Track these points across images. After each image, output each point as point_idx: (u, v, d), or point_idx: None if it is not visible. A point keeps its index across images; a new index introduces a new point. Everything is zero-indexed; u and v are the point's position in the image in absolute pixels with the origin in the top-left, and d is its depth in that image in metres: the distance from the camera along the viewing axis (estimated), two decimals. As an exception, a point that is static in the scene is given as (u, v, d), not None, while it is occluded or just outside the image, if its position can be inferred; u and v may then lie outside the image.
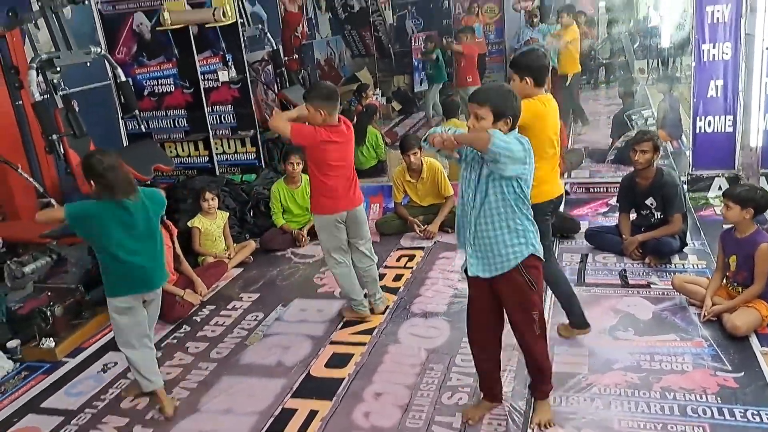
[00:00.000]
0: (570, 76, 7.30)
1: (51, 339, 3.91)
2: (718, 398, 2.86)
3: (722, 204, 3.56)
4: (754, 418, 2.72)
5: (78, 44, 5.08)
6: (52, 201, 5.23)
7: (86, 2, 5.02)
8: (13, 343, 3.96)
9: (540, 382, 2.81)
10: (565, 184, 5.37)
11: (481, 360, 2.85)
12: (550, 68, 3.26)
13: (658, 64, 7.50)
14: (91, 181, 3.09)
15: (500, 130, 2.41)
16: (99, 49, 5.37)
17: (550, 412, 2.80)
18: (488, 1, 10.54)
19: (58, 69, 4.94)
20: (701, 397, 2.87)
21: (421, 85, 9.95)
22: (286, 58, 7.77)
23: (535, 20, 9.34)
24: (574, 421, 2.80)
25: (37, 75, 4.82)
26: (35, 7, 5.23)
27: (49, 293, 4.14)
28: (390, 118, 9.38)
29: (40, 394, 3.51)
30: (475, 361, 2.88)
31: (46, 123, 4.83)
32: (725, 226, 3.62)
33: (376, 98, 8.85)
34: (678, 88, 6.50)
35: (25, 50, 5.36)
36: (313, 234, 5.31)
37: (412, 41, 10.64)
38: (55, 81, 5.02)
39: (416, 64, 10.07)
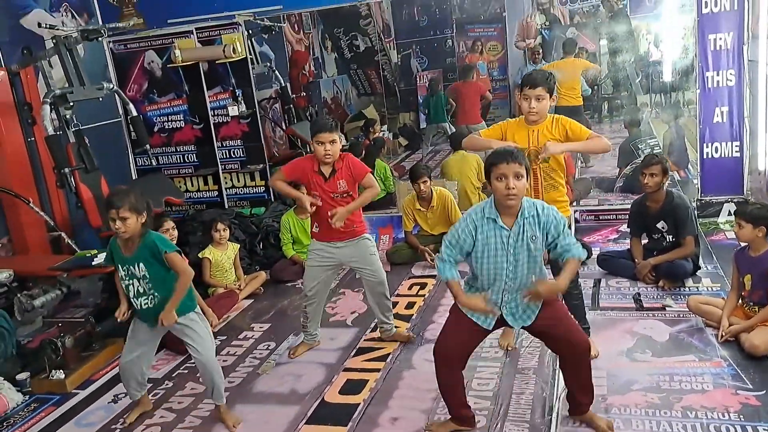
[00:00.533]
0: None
1: (61, 371, 3.87)
2: (741, 416, 2.80)
3: (734, 223, 3.56)
4: (779, 436, 2.66)
5: (90, 81, 5.19)
6: (63, 235, 5.28)
7: (100, 39, 5.11)
8: (22, 376, 3.92)
9: (587, 394, 2.81)
10: (575, 211, 5.40)
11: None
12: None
13: (661, 97, 7.60)
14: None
15: None
16: (111, 85, 5.50)
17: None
18: (491, 40, 10.77)
19: (71, 104, 5.05)
20: (724, 416, 2.82)
21: (426, 122, 10.09)
22: (294, 95, 7.89)
23: (537, 57, 9.54)
24: (595, 442, 2.75)
25: (51, 110, 4.92)
26: (48, 44, 5.36)
27: (60, 324, 4.12)
28: (397, 153, 9.48)
29: (50, 425, 3.45)
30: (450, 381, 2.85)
31: (59, 156, 4.91)
32: (741, 244, 3.59)
33: (384, 134, 8.97)
34: (682, 118, 6.56)
35: (38, 87, 5.47)
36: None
37: (417, 79, 10.83)
38: (67, 116, 5.13)
39: (421, 101, 10.23)
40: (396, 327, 3.96)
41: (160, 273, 3.01)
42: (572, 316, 2.87)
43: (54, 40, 5.02)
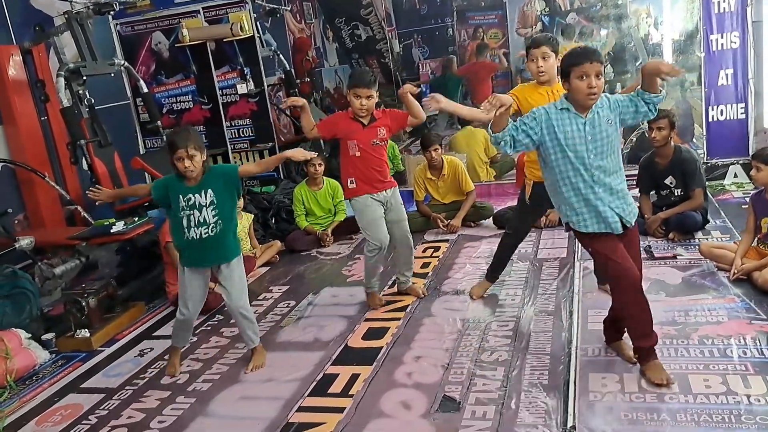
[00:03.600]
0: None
1: (86, 330, 3.94)
2: (758, 341, 2.89)
3: (753, 167, 3.60)
4: (796, 355, 2.74)
5: (101, 58, 5.26)
6: (78, 208, 5.34)
7: (112, 12, 5.18)
8: (48, 336, 3.99)
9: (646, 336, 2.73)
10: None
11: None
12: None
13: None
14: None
15: None
16: (123, 61, 5.56)
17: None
18: (492, 27, 10.85)
19: (84, 79, 5.10)
20: (741, 341, 2.90)
21: (429, 109, 10.13)
22: (299, 80, 7.96)
23: (537, 43, 9.56)
24: (615, 367, 2.82)
25: (65, 86, 4.98)
26: (57, 21, 5.43)
27: (84, 285, 4.18)
28: (402, 140, 9.55)
29: (78, 377, 3.53)
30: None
31: (74, 128, 4.96)
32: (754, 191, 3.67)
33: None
34: (689, 96, 6.65)
35: (50, 66, 5.54)
36: (337, 234, 5.42)
37: (420, 68, 10.91)
38: (80, 92, 5.18)
39: (423, 89, 10.29)
40: (413, 282, 4.03)
41: (228, 202, 3.13)
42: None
43: (66, 15, 5.09)
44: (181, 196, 3.09)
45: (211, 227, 3.10)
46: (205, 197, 3.08)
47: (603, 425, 2.45)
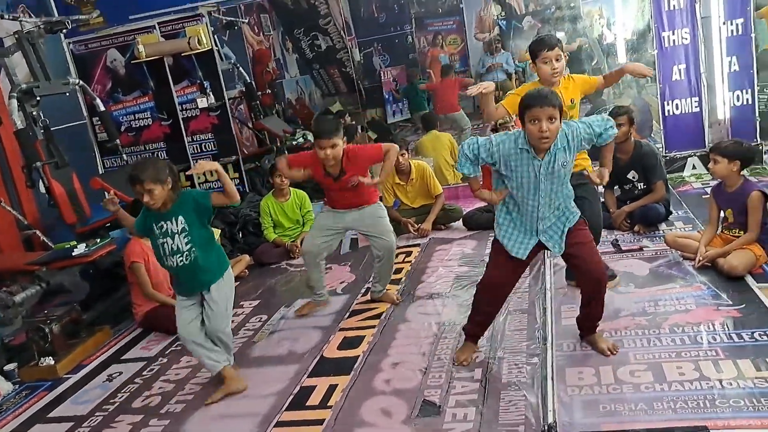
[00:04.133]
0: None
1: (50, 357, 3.82)
2: (726, 326, 2.95)
3: (710, 160, 3.67)
4: (762, 337, 2.81)
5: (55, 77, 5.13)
6: (37, 232, 5.19)
7: (64, 31, 5.06)
8: (10, 366, 3.86)
9: (597, 318, 2.95)
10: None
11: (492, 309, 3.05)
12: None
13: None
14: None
15: None
16: (77, 80, 5.44)
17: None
18: (450, 33, 10.96)
19: (38, 99, 4.97)
20: (710, 328, 2.95)
21: (394, 116, 10.19)
22: (260, 92, 7.90)
23: (496, 47, 9.76)
24: (591, 360, 2.84)
25: (17, 107, 4.84)
26: (7, 42, 5.28)
27: (46, 312, 4.05)
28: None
29: (45, 407, 3.42)
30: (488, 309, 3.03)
31: (29, 150, 4.83)
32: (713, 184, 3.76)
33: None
34: (645, 93, 6.80)
35: (1, 87, 5.38)
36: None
37: (381, 76, 10.93)
38: (34, 113, 5.04)
39: (387, 97, 10.33)
40: (387, 290, 4.00)
41: (200, 229, 3.05)
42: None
43: (16, 35, 4.95)
44: (154, 224, 3.03)
45: (185, 255, 3.02)
46: (176, 224, 3.00)
47: (583, 418, 2.46)
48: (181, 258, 3.02)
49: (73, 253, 4.39)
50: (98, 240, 4.55)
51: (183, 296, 3.13)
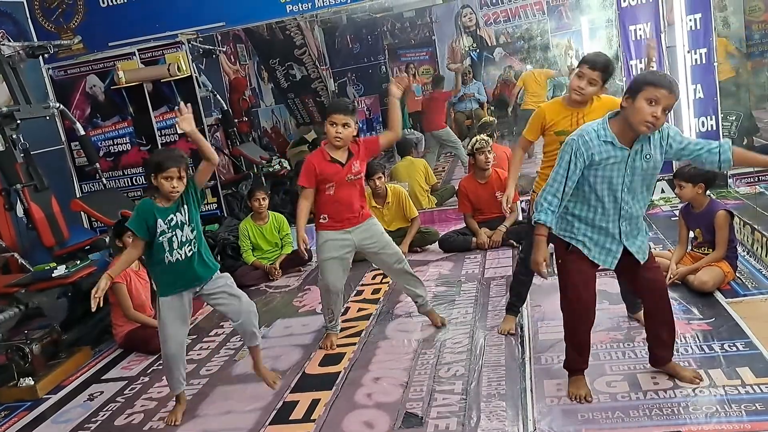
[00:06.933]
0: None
1: (30, 378, 3.78)
2: (697, 338, 3.07)
3: (676, 186, 3.85)
4: (732, 348, 2.94)
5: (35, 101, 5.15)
6: (15, 255, 5.14)
7: (46, 55, 5.10)
8: (-13, 389, 3.80)
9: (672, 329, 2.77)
10: (521, 201, 5.67)
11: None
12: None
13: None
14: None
15: None
16: (58, 104, 5.47)
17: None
18: (423, 64, 11.24)
19: (18, 122, 4.98)
20: (682, 340, 3.06)
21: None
22: (237, 119, 7.97)
23: (468, 77, 10.04)
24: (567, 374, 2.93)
25: (-2, 129, 4.85)
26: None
27: (26, 332, 4.02)
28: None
29: (24, 427, 3.38)
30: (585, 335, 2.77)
31: (9, 173, 4.83)
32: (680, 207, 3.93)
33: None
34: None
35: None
36: (285, 267, 5.40)
37: (356, 105, 11.10)
38: (14, 136, 5.05)
39: (361, 125, 10.48)
40: (432, 307, 3.81)
41: (196, 213, 3.04)
42: None
43: (-5, 59, 4.98)
44: (160, 220, 2.92)
45: (193, 243, 3.01)
46: (184, 214, 2.98)
47: (562, 427, 2.54)
48: (189, 248, 3.00)
49: (53, 275, 4.37)
50: (78, 262, 4.54)
51: (174, 296, 3.04)
